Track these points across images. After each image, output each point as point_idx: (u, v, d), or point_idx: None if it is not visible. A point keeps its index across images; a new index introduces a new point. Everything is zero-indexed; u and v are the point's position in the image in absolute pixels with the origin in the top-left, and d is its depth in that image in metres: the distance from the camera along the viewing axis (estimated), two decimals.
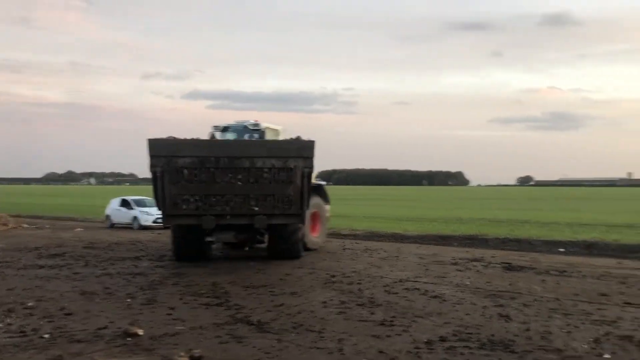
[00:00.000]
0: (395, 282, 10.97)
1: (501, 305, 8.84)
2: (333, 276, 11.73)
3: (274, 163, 12.28)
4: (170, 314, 8.22)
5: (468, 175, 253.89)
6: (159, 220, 25.68)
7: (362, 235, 21.70)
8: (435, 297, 9.55)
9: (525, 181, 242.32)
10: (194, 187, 12.18)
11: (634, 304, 8.95)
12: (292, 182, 12.43)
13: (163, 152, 11.94)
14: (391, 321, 7.78)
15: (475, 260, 14.35)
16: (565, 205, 50.04)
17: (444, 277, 11.71)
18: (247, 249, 15.78)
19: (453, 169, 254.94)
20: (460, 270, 12.60)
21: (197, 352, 6.05)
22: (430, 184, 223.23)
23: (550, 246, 17.56)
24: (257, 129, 15.73)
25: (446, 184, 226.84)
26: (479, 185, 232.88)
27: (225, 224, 12.89)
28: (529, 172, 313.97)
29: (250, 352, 6.29)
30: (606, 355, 6.20)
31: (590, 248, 16.96)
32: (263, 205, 12.48)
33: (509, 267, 13.03)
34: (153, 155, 11.93)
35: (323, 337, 6.97)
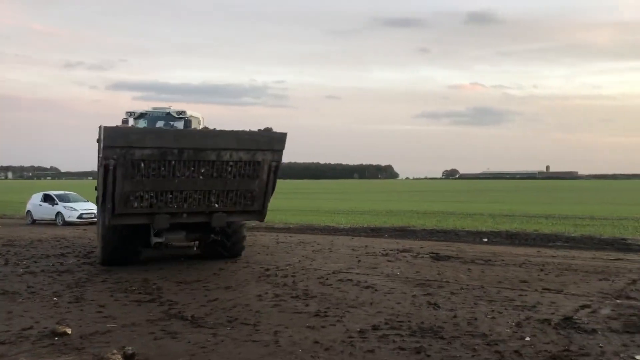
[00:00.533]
0: (329, 274, 11.14)
1: (430, 294, 9.18)
2: (267, 270, 11.76)
3: (241, 156, 11.05)
4: (101, 312, 7.99)
5: (397, 168, 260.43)
6: (86, 216, 24.93)
7: (296, 228, 21.81)
8: (367, 287, 9.78)
9: (451, 174, 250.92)
10: (150, 182, 10.57)
11: (551, 290, 9.53)
12: (258, 177, 11.41)
13: (120, 142, 10.14)
14: (325, 312, 7.92)
15: (405, 251, 14.77)
16: (488, 198, 52.27)
17: (375, 267, 12.00)
18: (195, 249, 14.22)
19: (383, 162, 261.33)
20: (390, 261, 12.95)
21: (130, 349, 5.92)
22: (362, 177, 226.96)
23: (475, 236, 18.31)
24: (182, 117, 14.06)
25: (377, 177, 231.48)
26: (408, 179, 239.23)
27: (176, 223, 11.48)
28: (454, 165, 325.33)
29: (185, 348, 6.24)
30: (527, 338, 6.59)
31: (512, 238, 17.83)
32: (223, 201, 11.39)
33: (436, 257, 13.50)
34: (108, 146, 10.14)
35: (259, 330, 7.00)
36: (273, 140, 11.38)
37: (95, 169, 12.81)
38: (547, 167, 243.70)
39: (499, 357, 5.93)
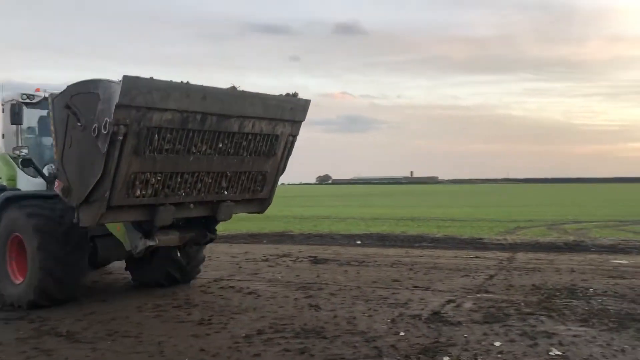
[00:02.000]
0: (210, 282, 11.09)
1: (311, 296, 9.51)
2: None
3: (263, 127, 8.58)
4: None
5: None
6: None
7: None
8: (250, 293, 9.90)
9: (324, 180, 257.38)
10: (161, 160, 7.54)
11: (420, 287, 10.29)
12: (273, 155, 9.04)
13: (139, 100, 6.92)
14: (209, 320, 7.92)
15: (285, 255, 15.06)
16: (359, 202, 54.51)
17: (256, 273, 12.14)
18: (132, 279, 10.93)
19: None
20: (271, 266, 13.16)
21: None
22: None
23: (349, 239, 19.09)
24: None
25: None
26: (283, 184, 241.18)
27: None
28: (327, 171, 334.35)
29: None
30: (402, 333, 7.11)
31: (383, 240, 18.83)
32: (234, 187, 8.84)
33: (315, 261, 13.94)
34: (122, 105, 6.77)
35: (141, 341, 6.86)
36: (297, 109, 9.06)
37: None
38: (411, 173, 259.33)
39: (377, 352, 6.36)
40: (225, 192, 8.75)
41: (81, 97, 7.22)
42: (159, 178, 7.73)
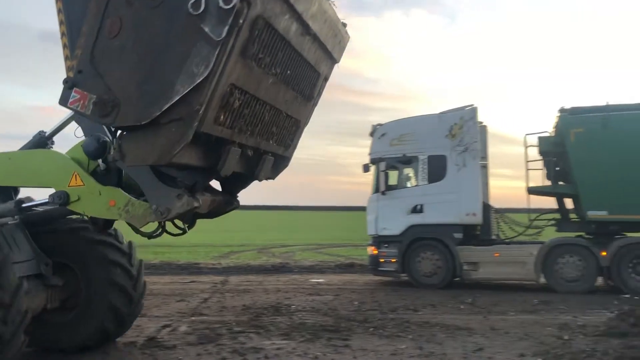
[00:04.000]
0: None
1: None
2: None
3: (313, 54, 6.42)
4: None
5: None
6: None
7: None
8: None
9: None
10: (253, 75, 5.42)
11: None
12: (310, 100, 7.07)
13: None
14: None
15: None
16: None
17: None
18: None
19: None
20: None
21: None
22: None
23: None
24: None
25: None
26: None
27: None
28: None
29: None
30: None
31: None
32: (277, 135, 6.74)
33: None
34: None
35: None
36: (342, 45, 7.04)
37: None
38: None
39: None
40: (271, 142, 6.67)
41: None
42: (240, 101, 5.46)
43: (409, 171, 14.60)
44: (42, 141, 7.19)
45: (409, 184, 14.54)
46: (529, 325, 9.11)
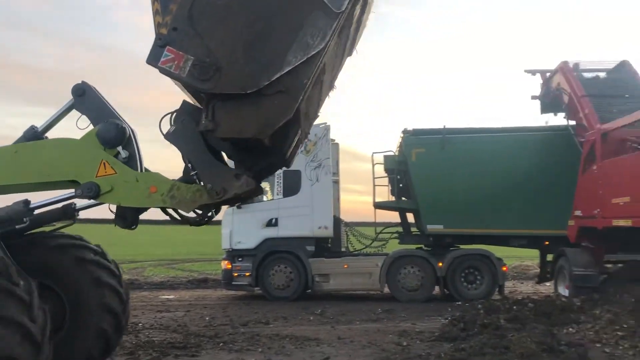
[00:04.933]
0: None
1: None
2: None
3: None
4: None
5: None
6: None
7: None
8: None
9: None
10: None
11: None
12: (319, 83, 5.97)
13: None
14: None
15: None
16: None
17: None
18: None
19: None
20: None
21: None
22: None
23: None
24: None
25: None
26: None
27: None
28: None
29: None
30: None
31: None
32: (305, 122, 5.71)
33: None
34: None
35: None
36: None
37: None
38: None
39: None
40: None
41: None
42: (321, 80, 5.07)
43: (265, 185, 14.74)
44: (36, 137, 5.97)
45: (264, 198, 14.68)
46: (372, 333, 9.60)
